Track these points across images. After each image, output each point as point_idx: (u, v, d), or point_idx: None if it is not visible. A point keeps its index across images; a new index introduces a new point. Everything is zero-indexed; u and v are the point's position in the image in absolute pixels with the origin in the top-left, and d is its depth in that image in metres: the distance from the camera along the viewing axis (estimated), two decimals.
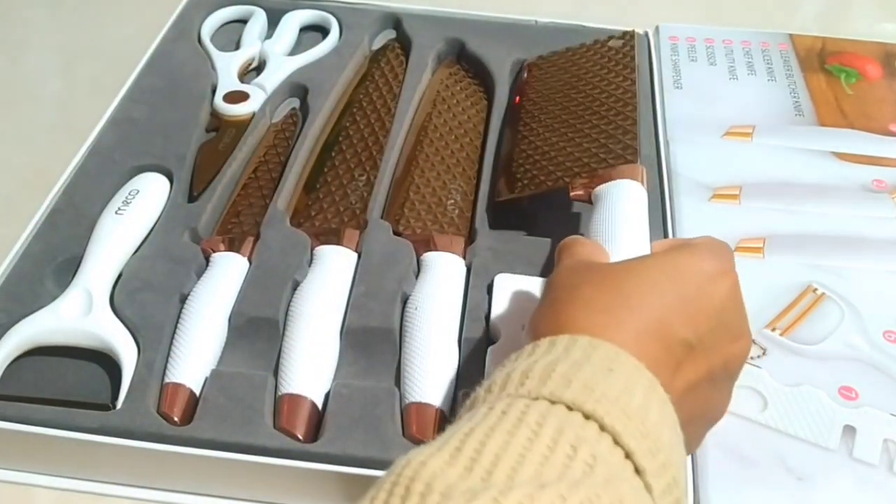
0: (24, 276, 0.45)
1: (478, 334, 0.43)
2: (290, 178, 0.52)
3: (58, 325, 0.43)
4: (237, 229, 0.49)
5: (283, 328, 0.43)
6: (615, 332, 0.31)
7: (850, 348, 0.44)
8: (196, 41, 0.63)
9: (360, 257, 0.47)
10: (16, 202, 0.55)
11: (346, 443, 0.38)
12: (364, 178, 0.52)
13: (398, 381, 0.41)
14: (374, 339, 0.43)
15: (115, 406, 0.40)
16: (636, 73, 0.53)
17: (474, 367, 0.41)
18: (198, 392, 0.40)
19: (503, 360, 0.31)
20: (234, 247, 0.47)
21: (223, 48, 0.62)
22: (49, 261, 0.46)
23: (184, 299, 0.44)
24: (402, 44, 0.64)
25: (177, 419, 0.39)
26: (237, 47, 0.63)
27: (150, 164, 0.52)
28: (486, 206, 0.50)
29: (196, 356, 0.41)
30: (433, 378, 0.40)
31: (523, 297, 0.43)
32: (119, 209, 0.48)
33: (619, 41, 0.57)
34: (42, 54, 0.69)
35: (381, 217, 0.49)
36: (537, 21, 0.65)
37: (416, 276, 0.46)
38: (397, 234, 0.48)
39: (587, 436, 0.26)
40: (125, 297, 0.44)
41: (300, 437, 0.39)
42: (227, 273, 0.45)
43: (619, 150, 0.47)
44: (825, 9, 0.79)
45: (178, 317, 0.43)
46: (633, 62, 0.54)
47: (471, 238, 0.49)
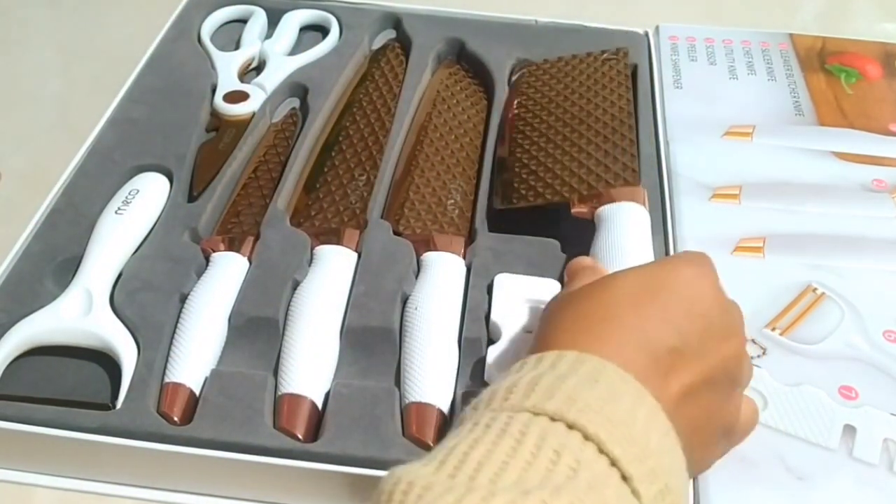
0: (24, 276, 0.45)
1: (478, 334, 0.42)
2: (290, 178, 0.52)
3: (58, 324, 0.43)
4: (237, 229, 0.49)
5: (283, 328, 0.43)
6: (600, 347, 0.31)
7: (849, 348, 0.44)
8: (196, 41, 0.63)
9: (360, 257, 0.47)
10: (16, 202, 0.55)
11: (346, 443, 0.38)
12: (364, 177, 0.52)
13: (398, 381, 0.41)
14: (374, 338, 0.43)
15: (115, 406, 0.40)
16: (631, 93, 0.55)
17: (474, 368, 0.41)
18: (198, 392, 0.40)
19: (502, 363, 0.31)
20: (234, 246, 0.47)
21: (223, 48, 0.62)
22: (49, 261, 0.46)
23: (184, 299, 0.44)
24: (402, 44, 0.64)
25: (177, 419, 0.39)
26: (237, 47, 0.63)
27: (149, 164, 0.52)
28: (486, 212, 0.50)
29: (196, 356, 0.41)
30: (433, 378, 0.40)
31: (523, 297, 0.43)
32: (119, 209, 0.48)
33: (613, 57, 0.58)
34: (42, 54, 0.69)
35: (381, 217, 0.49)
36: (537, 21, 0.65)
37: (416, 276, 0.46)
38: (397, 233, 0.48)
39: (570, 443, 0.26)
40: (125, 297, 0.44)
41: (300, 436, 0.39)
42: (227, 273, 0.45)
43: (619, 170, 0.48)
44: (825, 9, 0.79)
45: (178, 316, 0.43)
46: (627, 80, 0.56)
47: (471, 238, 0.49)
